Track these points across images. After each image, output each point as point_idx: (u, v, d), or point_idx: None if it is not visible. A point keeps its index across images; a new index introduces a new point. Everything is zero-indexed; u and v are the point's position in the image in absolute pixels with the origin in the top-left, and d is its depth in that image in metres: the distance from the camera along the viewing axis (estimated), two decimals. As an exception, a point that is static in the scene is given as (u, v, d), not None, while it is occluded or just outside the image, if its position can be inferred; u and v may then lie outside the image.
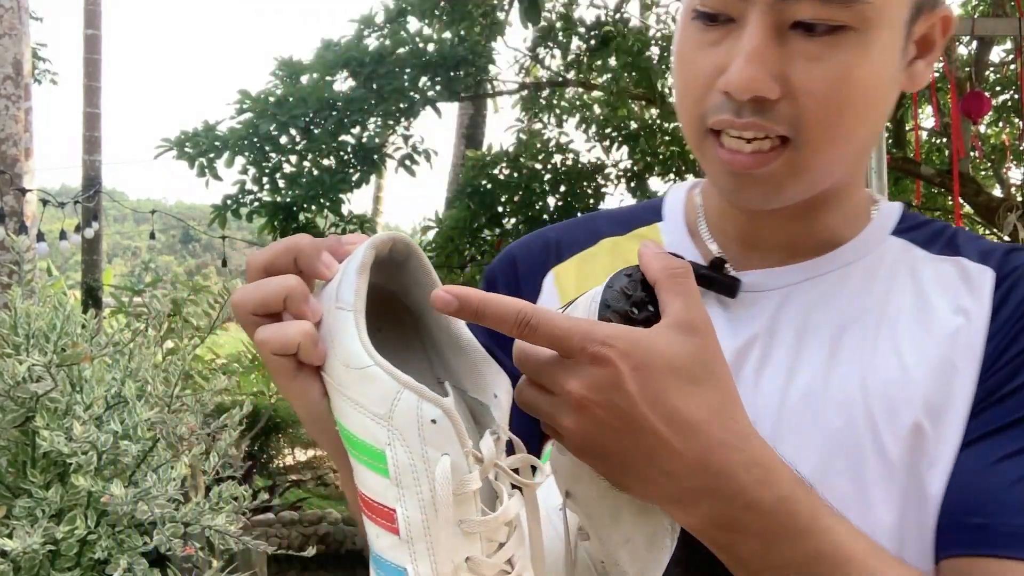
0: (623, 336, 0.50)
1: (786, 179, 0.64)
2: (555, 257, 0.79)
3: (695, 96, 0.65)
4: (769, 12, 0.60)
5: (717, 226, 0.75)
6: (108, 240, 36.05)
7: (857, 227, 0.73)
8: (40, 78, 12.32)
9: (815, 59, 0.61)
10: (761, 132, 0.62)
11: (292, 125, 5.63)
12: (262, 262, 0.55)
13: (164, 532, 2.28)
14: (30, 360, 2.30)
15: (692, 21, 0.64)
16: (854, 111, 0.63)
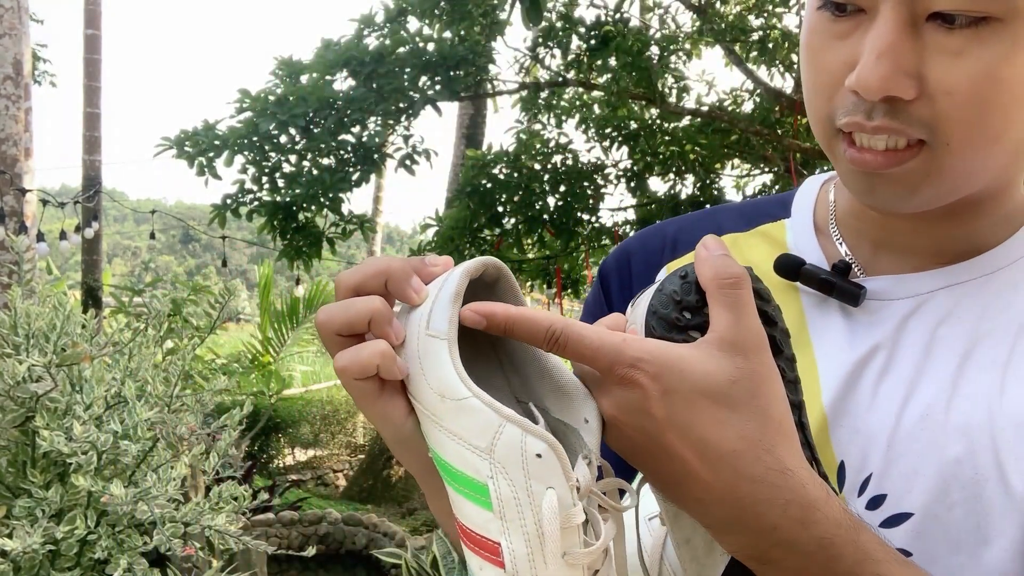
0: (654, 357, 0.47)
1: (922, 181, 0.58)
2: (671, 252, 0.75)
3: (824, 94, 0.60)
4: (903, 2, 0.54)
5: (849, 225, 0.69)
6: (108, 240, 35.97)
7: (1006, 232, 0.65)
8: (40, 79, 12.32)
9: (955, 55, 0.54)
10: (891, 134, 0.57)
11: (292, 124, 5.62)
12: (353, 283, 0.54)
13: (164, 532, 2.28)
14: (30, 360, 2.30)
15: (818, 11, 0.59)
16: (1002, 112, 0.56)
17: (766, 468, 0.48)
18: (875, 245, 0.68)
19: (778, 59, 6.48)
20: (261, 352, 9.07)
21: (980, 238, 0.65)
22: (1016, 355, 0.60)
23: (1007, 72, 0.54)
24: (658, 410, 0.47)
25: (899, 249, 0.67)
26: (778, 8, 6.57)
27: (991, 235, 0.65)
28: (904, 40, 0.54)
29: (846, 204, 0.70)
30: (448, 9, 6.10)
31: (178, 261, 52.46)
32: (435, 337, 0.51)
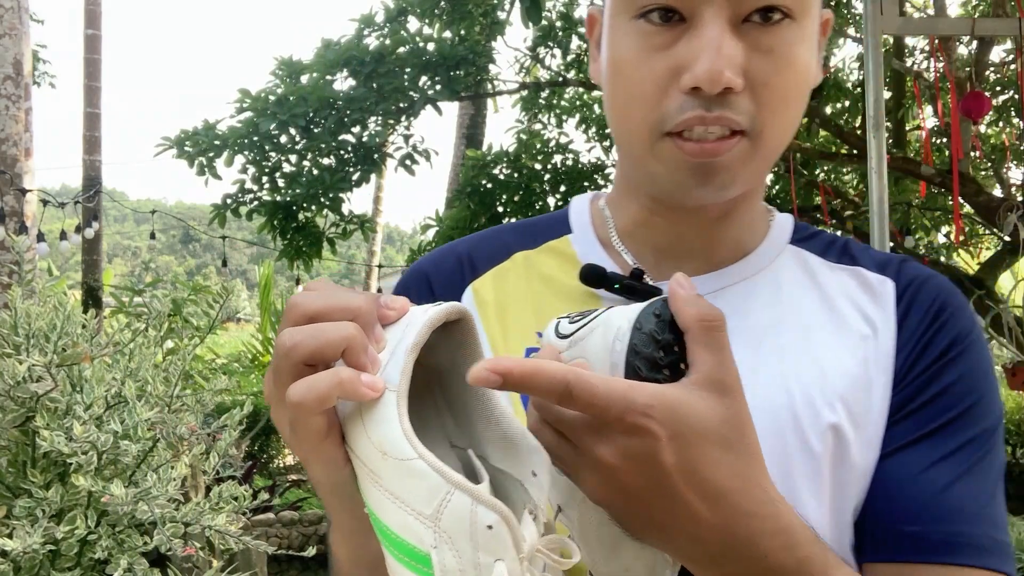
0: (661, 405, 0.48)
1: (742, 168, 0.65)
2: (470, 272, 0.77)
3: (650, 100, 0.64)
4: (727, 6, 0.61)
5: (632, 236, 0.75)
6: (108, 240, 36.01)
7: (760, 236, 0.75)
8: (40, 80, 12.32)
9: (768, 50, 0.62)
10: (726, 125, 0.62)
11: (292, 124, 5.62)
12: (313, 311, 0.51)
13: (164, 532, 2.28)
14: (30, 360, 2.31)
15: (636, 25, 0.64)
16: (798, 101, 0.65)
17: (759, 502, 0.51)
18: (658, 253, 0.74)
19: (778, 59, 6.48)
20: (261, 352, 9.07)
21: (742, 239, 0.74)
22: (798, 343, 0.69)
23: (801, 63, 0.64)
24: (667, 456, 0.48)
25: (680, 255, 0.73)
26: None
27: (751, 236, 0.74)
28: (732, 39, 0.61)
29: (627, 217, 0.75)
30: (448, 9, 6.10)
31: (178, 261, 52.46)
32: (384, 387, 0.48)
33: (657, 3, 0.62)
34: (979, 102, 4.21)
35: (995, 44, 5.98)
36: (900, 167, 5.42)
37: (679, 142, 0.64)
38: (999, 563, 0.63)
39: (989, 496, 0.66)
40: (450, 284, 0.77)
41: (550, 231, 0.79)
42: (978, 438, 0.66)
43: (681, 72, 0.62)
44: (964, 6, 7.40)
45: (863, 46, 3.64)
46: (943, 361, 0.68)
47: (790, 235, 0.77)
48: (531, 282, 0.76)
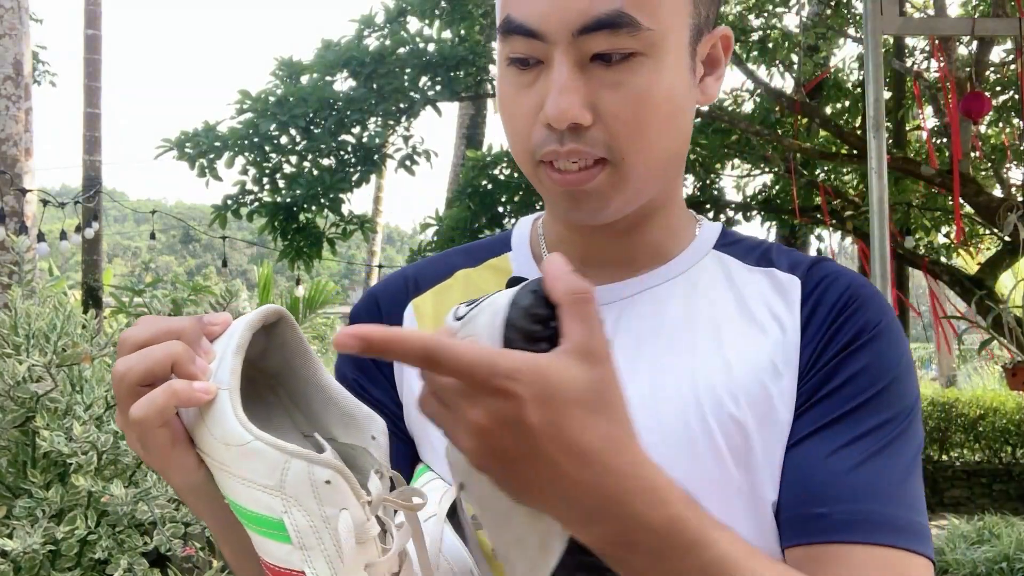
0: (527, 369, 0.50)
1: (610, 193, 0.71)
2: (413, 291, 0.84)
3: (523, 134, 0.72)
4: (569, 49, 0.67)
5: (559, 249, 0.80)
6: (108, 240, 35.97)
7: (683, 242, 0.81)
8: (40, 79, 12.33)
9: (615, 85, 0.68)
10: (580, 157, 0.69)
11: (292, 125, 5.62)
12: (141, 339, 0.57)
13: (164, 532, 2.28)
14: (30, 360, 2.31)
15: (508, 68, 0.71)
16: (656, 127, 0.70)
17: (626, 462, 0.53)
18: (581, 262, 0.77)
19: (778, 59, 6.48)
20: (261, 352, 9.05)
21: (660, 246, 0.79)
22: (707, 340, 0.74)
23: (655, 94, 0.69)
24: (533, 417, 0.50)
25: (601, 263, 0.79)
26: (778, 8, 6.58)
27: (671, 243, 0.80)
28: (577, 78, 0.68)
29: (553, 232, 0.82)
30: (448, 9, 6.10)
31: (178, 261, 52.47)
32: (217, 388, 0.54)
33: (516, 52, 0.70)
34: (979, 102, 4.21)
35: (995, 44, 5.98)
36: (900, 167, 5.42)
37: (549, 171, 0.71)
38: (913, 542, 0.65)
39: (902, 477, 0.67)
40: (394, 303, 0.84)
41: (492, 250, 0.86)
42: (888, 422, 0.69)
43: (540, 108, 0.69)
44: (964, 6, 7.40)
45: (863, 46, 3.64)
46: (848, 351, 0.72)
47: (715, 242, 0.82)
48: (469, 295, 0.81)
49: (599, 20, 0.66)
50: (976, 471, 8.46)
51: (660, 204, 0.78)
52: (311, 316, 9.35)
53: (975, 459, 8.69)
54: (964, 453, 8.79)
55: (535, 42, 0.68)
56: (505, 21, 0.70)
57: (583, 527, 0.54)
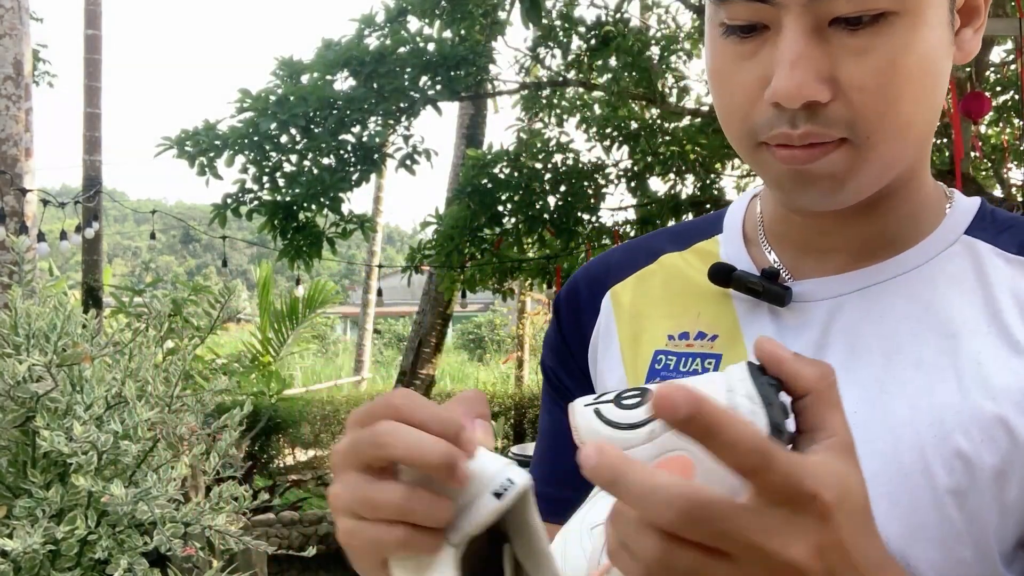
0: (832, 478, 0.42)
1: (847, 175, 0.60)
2: (614, 276, 0.77)
3: (741, 113, 0.62)
4: (805, 13, 0.56)
5: (776, 233, 0.71)
6: (108, 240, 35.97)
7: (928, 226, 0.67)
8: (39, 79, 12.32)
9: (861, 53, 0.57)
10: (816, 138, 0.59)
11: (292, 124, 5.62)
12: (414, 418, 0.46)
13: (164, 532, 2.28)
14: (30, 360, 2.31)
15: (723, 37, 0.61)
16: (911, 98, 0.59)
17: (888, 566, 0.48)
18: (799, 250, 0.70)
19: (778, 59, 6.47)
20: (261, 352, 9.08)
21: (895, 234, 0.67)
22: (939, 354, 0.62)
23: (909, 61, 0.57)
24: (844, 532, 0.42)
25: (822, 252, 0.69)
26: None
27: (913, 228, 0.67)
28: (812, 47, 0.57)
29: (772, 213, 0.72)
30: (448, 9, 6.10)
31: (178, 261, 52.48)
32: (447, 542, 0.46)
33: (736, 20, 0.59)
34: (979, 102, 4.20)
35: (995, 44, 5.98)
36: (900, 167, 5.42)
37: (775, 151, 0.61)
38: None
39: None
40: (593, 289, 0.77)
41: (702, 232, 0.77)
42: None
43: (767, 82, 0.59)
44: (964, 6, 7.39)
45: (863, 46, 3.63)
46: None
47: (969, 223, 0.68)
48: (672, 283, 0.75)
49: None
50: (976, 471, 8.47)
51: (903, 183, 0.66)
52: (311, 316, 9.36)
53: (975, 459, 8.70)
54: (964, 453, 8.80)
55: (761, 6, 0.57)
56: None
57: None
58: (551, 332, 0.79)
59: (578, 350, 0.76)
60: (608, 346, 0.74)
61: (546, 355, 0.78)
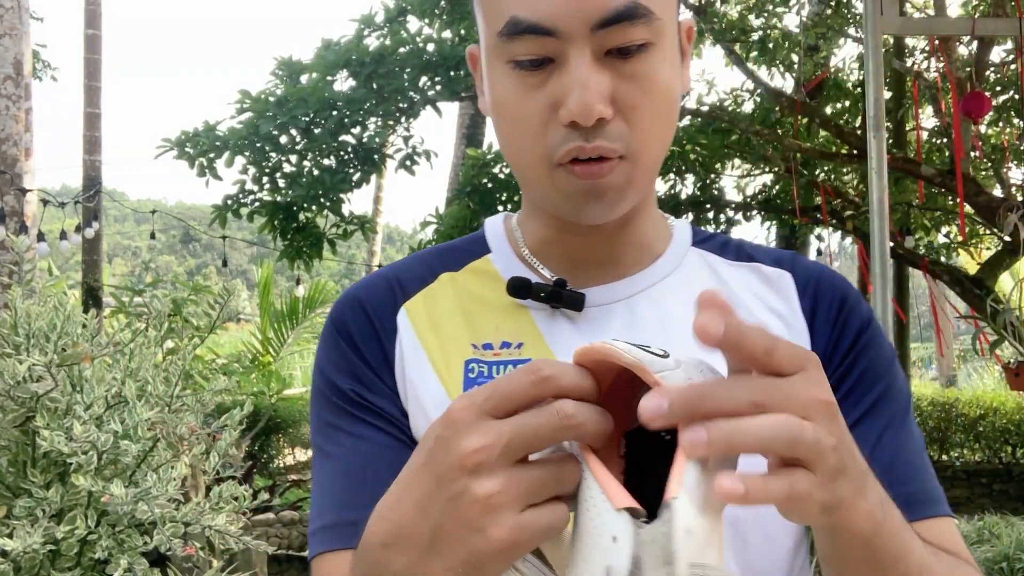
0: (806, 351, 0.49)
1: (626, 187, 0.70)
2: (401, 295, 0.80)
3: (534, 134, 0.69)
4: (587, 44, 0.66)
5: (545, 252, 0.80)
6: (108, 240, 35.97)
7: (664, 241, 0.81)
8: (41, 75, 12.32)
9: (632, 77, 0.67)
10: (605, 154, 0.68)
11: (292, 125, 5.62)
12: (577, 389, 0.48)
13: (164, 532, 2.28)
14: (30, 360, 2.31)
15: (510, 70, 0.69)
16: (665, 117, 0.70)
17: None
18: (571, 264, 0.78)
19: (778, 59, 6.48)
20: (261, 352, 9.07)
21: (643, 248, 0.79)
22: None
23: (663, 84, 0.69)
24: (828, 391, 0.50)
25: (591, 265, 0.78)
26: (778, 8, 6.57)
27: (655, 241, 0.80)
28: (596, 73, 0.66)
29: (538, 234, 0.80)
30: (448, 9, 6.10)
31: (178, 261, 52.47)
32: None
33: (526, 56, 0.67)
34: (979, 102, 4.21)
35: (995, 44, 5.98)
36: (900, 167, 5.42)
37: (571, 168, 0.69)
38: (944, 509, 0.72)
39: (921, 455, 0.74)
40: (383, 306, 0.80)
41: (470, 254, 0.83)
42: (900, 408, 0.74)
43: (557, 107, 0.67)
44: (964, 6, 7.39)
45: (863, 46, 3.64)
46: (856, 348, 0.75)
47: (691, 238, 0.82)
48: (460, 299, 0.80)
49: (618, 12, 0.65)
50: (976, 471, 8.47)
51: (644, 204, 0.78)
52: (311, 316, 9.36)
53: (975, 459, 8.69)
54: (964, 453, 8.80)
55: (549, 40, 0.66)
56: (512, 22, 0.67)
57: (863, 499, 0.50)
58: (339, 355, 0.78)
59: (382, 368, 0.77)
60: (416, 359, 0.77)
61: (339, 380, 0.76)
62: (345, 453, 0.74)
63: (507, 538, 0.47)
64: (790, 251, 0.83)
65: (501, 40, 0.68)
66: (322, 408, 0.77)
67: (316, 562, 0.72)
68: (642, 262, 0.79)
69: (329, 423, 0.76)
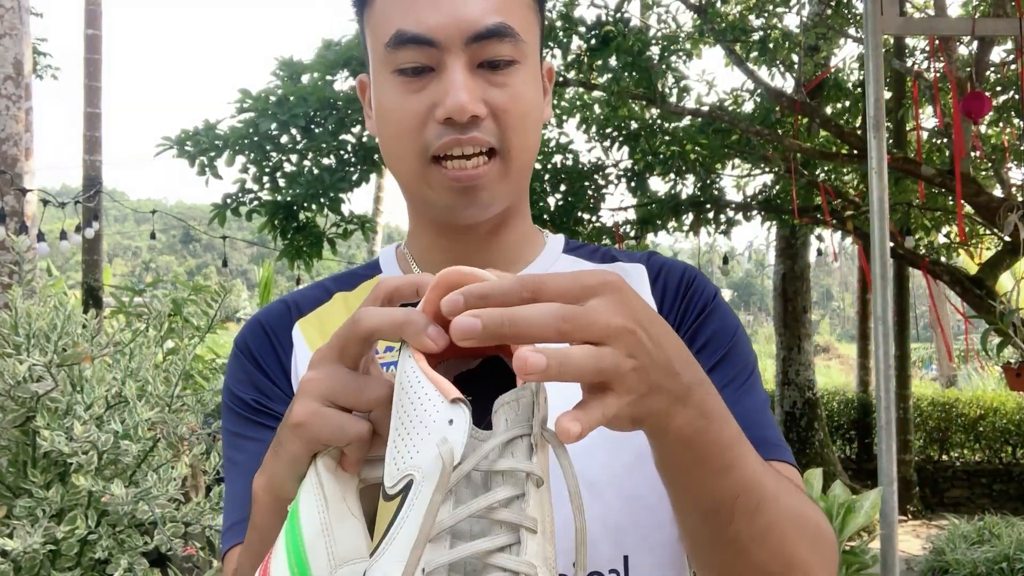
0: (599, 271, 0.55)
1: (498, 185, 0.79)
2: (296, 313, 0.89)
3: (413, 132, 0.78)
4: (462, 54, 0.76)
5: (426, 262, 0.88)
6: (108, 240, 36.00)
7: (536, 249, 0.90)
8: (41, 73, 12.32)
9: (501, 86, 0.78)
10: (479, 145, 0.77)
11: (293, 124, 5.62)
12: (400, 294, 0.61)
13: (165, 532, 2.28)
14: (31, 360, 2.31)
15: (394, 78, 0.79)
16: (531, 126, 0.81)
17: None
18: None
19: (778, 59, 6.48)
20: (261, 352, 9.04)
21: (519, 251, 0.88)
22: None
23: (528, 98, 0.80)
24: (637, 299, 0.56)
25: None
26: (778, 8, 6.57)
27: (527, 249, 0.89)
28: (471, 79, 0.77)
29: (420, 248, 0.89)
30: (448, 9, 6.08)
31: (178, 261, 52.44)
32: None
33: (409, 60, 0.77)
34: (979, 102, 4.21)
35: (995, 44, 5.98)
36: (900, 167, 5.42)
37: (443, 169, 0.78)
38: (785, 455, 0.80)
39: (763, 411, 0.81)
40: (280, 325, 0.88)
41: (364, 276, 0.92)
42: (741, 373, 0.82)
43: (435, 108, 0.77)
44: (964, 6, 7.40)
45: (863, 46, 3.64)
46: (701, 318, 0.84)
47: (563, 248, 0.92)
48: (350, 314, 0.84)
49: (489, 29, 0.76)
50: (976, 471, 8.47)
51: (516, 211, 0.87)
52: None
53: (975, 459, 8.69)
54: (964, 453, 8.80)
55: (430, 50, 0.77)
56: (397, 34, 0.77)
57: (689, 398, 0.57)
58: (242, 371, 0.87)
59: (280, 377, 0.85)
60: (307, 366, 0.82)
61: (242, 393, 0.84)
62: (249, 458, 0.80)
63: (300, 418, 0.57)
64: (648, 251, 0.93)
65: (387, 51, 0.78)
66: (228, 421, 0.85)
67: (227, 556, 0.79)
68: (514, 267, 0.88)
69: (235, 433, 0.84)
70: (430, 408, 0.51)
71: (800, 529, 0.67)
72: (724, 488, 0.61)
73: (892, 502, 3.17)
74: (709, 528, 0.63)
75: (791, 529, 0.66)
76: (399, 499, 0.50)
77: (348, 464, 0.58)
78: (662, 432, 0.57)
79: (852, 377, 11.91)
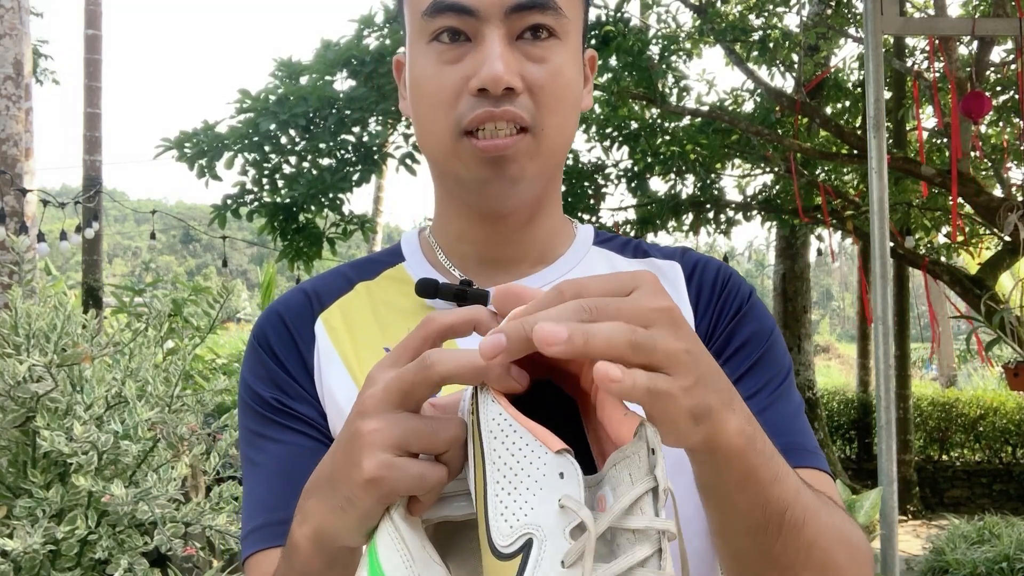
0: (635, 272, 0.52)
1: (528, 161, 0.76)
2: (318, 305, 0.85)
3: (447, 104, 0.75)
4: (500, 25, 0.74)
5: (454, 252, 0.85)
6: (108, 240, 36.03)
7: (567, 241, 0.87)
8: (42, 78, 12.31)
9: (539, 60, 0.75)
10: (512, 119, 0.74)
11: (292, 124, 5.62)
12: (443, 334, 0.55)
13: (165, 532, 2.28)
14: (31, 360, 2.31)
15: (431, 48, 0.76)
16: (568, 106, 0.78)
17: None
18: (480, 264, 0.84)
19: (778, 59, 6.48)
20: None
21: (550, 243, 0.85)
22: None
23: (567, 76, 0.77)
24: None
25: (499, 262, 0.84)
26: (778, 8, 6.57)
27: (557, 240, 0.86)
28: (508, 50, 0.74)
29: (448, 235, 0.86)
30: (448, 9, 6.08)
31: (179, 261, 52.44)
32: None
33: (445, 26, 0.75)
34: (979, 102, 4.21)
35: (995, 44, 5.98)
36: (900, 167, 5.42)
37: (474, 140, 0.75)
38: (820, 463, 0.77)
39: (798, 416, 0.79)
40: (301, 319, 0.84)
41: (385, 264, 0.89)
42: (777, 376, 0.80)
43: (470, 79, 0.74)
44: (964, 6, 7.39)
45: (863, 46, 3.64)
46: (736, 320, 0.82)
47: (593, 239, 0.89)
48: (375, 307, 0.85)
49: (531, 0, 0.74)
50: (976, 471, 8.47)
51: (548, 200, 0.84)
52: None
53: (975, 459, 8.69)
54: (964, 453, 8.80)
55: (468, 19, 0.74)
56: (435, 2, 0.74)
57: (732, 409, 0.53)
58: (261, 367, 0.83)
59: (301, 375, 0.81)
60: (332, 364, 0.81)
61: (262, 390, 0.80)
62: (270, 459, 0.78)
63: (375, 473, 0.51)
64: (681, 247, 0.90)
65: (424, 19, 0.75)
66: (247, 418, 0.81)
67: (249, 563, 0.76)
68: (545, 260, 0.85)
69: (254, 432, 0.80)
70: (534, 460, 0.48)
71: (840, 542, 0.65)
72: (775, 501, 0.57)
73: (892, 502, 3.17)
74: (757, 546, 0.60)
75: (834, 542, 0.64)
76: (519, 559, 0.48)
77: (417, 508, 0.54)
78: (715, 437, 0.52)
79: (852, 377, 11.91)
